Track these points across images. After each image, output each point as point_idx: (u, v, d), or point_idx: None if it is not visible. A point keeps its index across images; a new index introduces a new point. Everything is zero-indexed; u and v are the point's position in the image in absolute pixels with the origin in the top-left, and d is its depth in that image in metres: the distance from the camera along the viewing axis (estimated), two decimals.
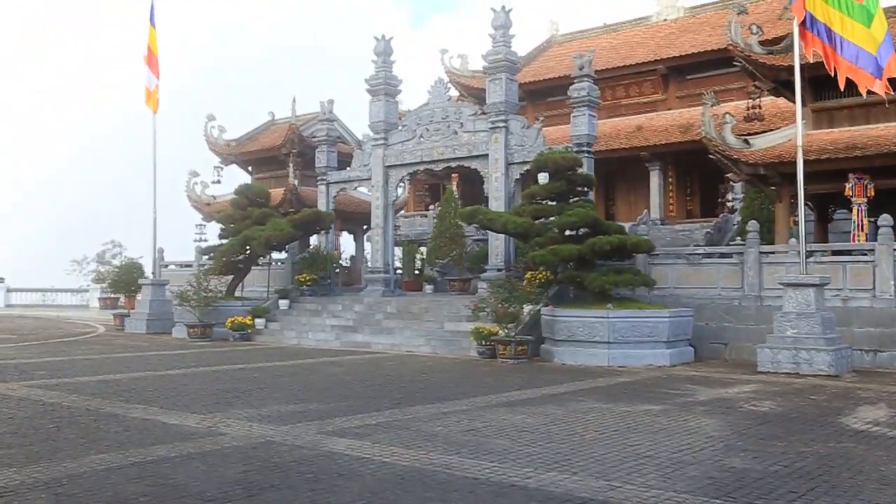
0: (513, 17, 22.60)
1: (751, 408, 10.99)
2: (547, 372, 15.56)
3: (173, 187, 35.88)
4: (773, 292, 18.00)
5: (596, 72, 33.36)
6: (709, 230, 26.75)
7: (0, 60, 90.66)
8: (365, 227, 33.18)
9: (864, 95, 16.42)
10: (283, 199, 29.18)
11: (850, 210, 19.88)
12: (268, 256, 26.62)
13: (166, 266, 31.48)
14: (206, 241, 31.04)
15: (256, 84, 74.77)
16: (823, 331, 15.18)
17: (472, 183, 36.50)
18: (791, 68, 19.75)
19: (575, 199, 19.44)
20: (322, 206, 26.12)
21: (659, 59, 31.84)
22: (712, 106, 20.88)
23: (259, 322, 23.76)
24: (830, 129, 19.89)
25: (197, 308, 23.42)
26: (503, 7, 22.55)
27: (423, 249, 35.70)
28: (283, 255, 27.47)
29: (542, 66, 36.57)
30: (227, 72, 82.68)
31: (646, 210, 30.49)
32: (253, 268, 26.49)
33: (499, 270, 21.97)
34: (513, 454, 7.69)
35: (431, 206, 36.38)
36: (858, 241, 18.79)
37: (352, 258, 33.42)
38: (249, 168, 32.90)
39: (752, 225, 18.57)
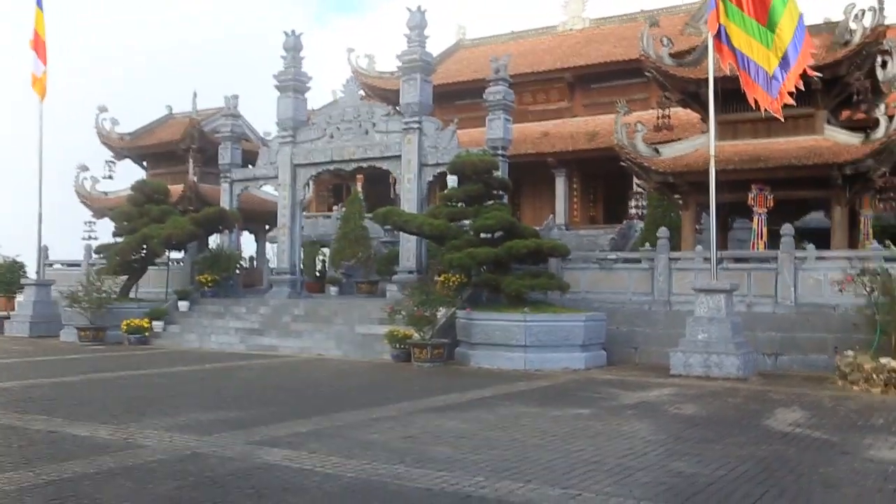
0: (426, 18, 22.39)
1: (676, 411, 11.09)
2: (465, 376, 15.36)
3: (60, 181, 33.98)
4: (682, 297, 18.45)
5: (513, 76, 34.07)
6: (613, 236, 27.25)
7: None
8: (267, 226, 32.30)
9: (763, 114, 17.00)
10: (181, 197, 27.96)
11: (750, 219, 20.63)
12: (166, 256, 25.41)
13: (51, 265, 29.59)
14: (95, 238, 29.49)
15: (152, 77, 71.74)
16: (733, 335, 15.59)
17: (377, 184, 36.16)
18: (699, 81, 20.44)
19: (490, 202, 19.36)
20: (225, 204, 25.14)
21: (566, 66, 32.32)
22: (624, 114, 21.20)
23: (157, 324, 22.61)
24: (735, 141, 20.54)
25: (89, 310, 22.08)
26: (418, 7, 22.28)
27: (326, 251, 35.10)
28: (181, 254, 26.30)
29: (450, 68, 36.51)
30: (120, 63, 78.94)
31: (551, 215, 30.86)
32: (149, 268, 25.21)
33: (410, 273, 21.67)
34: (459, 462, 7.40)
35: (335, 207, 35.74)
36: (758, 249, 19.47)
37: (251, 259, 32.37)
38: (144, 163, 31.39)
39: (662, 231, 18.97)
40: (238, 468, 7.02)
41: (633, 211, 27.43)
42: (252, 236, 33.74)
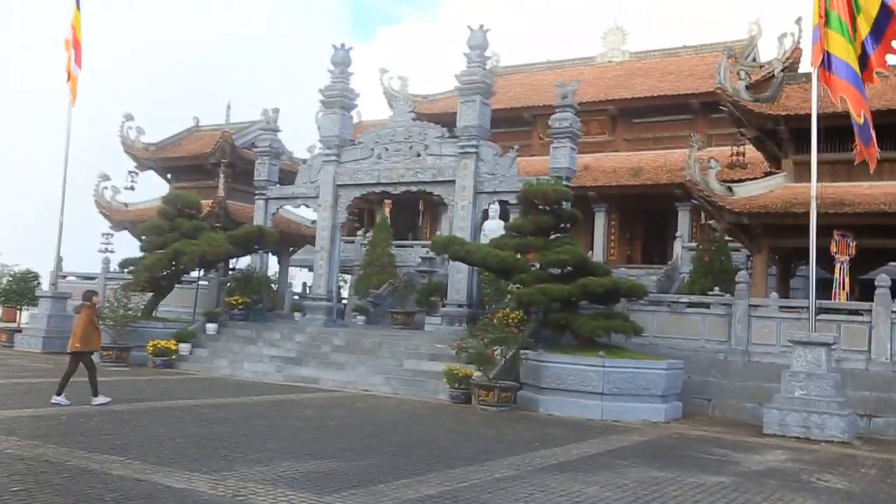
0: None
1: (824, 484, 9.76)
2: (542, 424, 13.97)
3: (75, 190, 32.55)
4: (762, 348, 17.24)
5: (542, 107, 33.07)
6: (660, 277, 26.03)
7: None
8: (291, 248, 30.96)
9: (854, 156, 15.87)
10: (209, 213, 26.58)
11: (824, 267, 19.47)
12: (194, 275, 24.01)
13: (64, 277, 28.08)
14: (112, 251, 28.07)
15: (176, 88, 70.05)
16: (835, 394, 14.34)
17: (404, 210, 35.01)
18: (777, 118, 19.44)
19: (556, 235, 18.13)
20: (259, 222, 23.81)
21: (609, 99, 31.31)
22: (698, 150, 20.09)
23: (183, 347, 21.16)
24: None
25: (113, 328, 20.58)
26: (480, 26, 21.25)
27: (346, 277, 33.73)
28: (201, 273, 24.85)
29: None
30: (145, 72, 77.29)
31: (590, 252, 29.64)
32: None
33: (460, 306, 20.36)
34: None
35: (359, 232, 34.41)
36: (839, 299, 18.27)
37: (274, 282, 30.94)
38: (169, 176, 30.01)
39: (742, 276, 17.77)
40: None
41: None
42: (274, 258, 32.37)
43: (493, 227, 23.68)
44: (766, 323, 17.28)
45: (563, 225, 18.10)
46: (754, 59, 32.01)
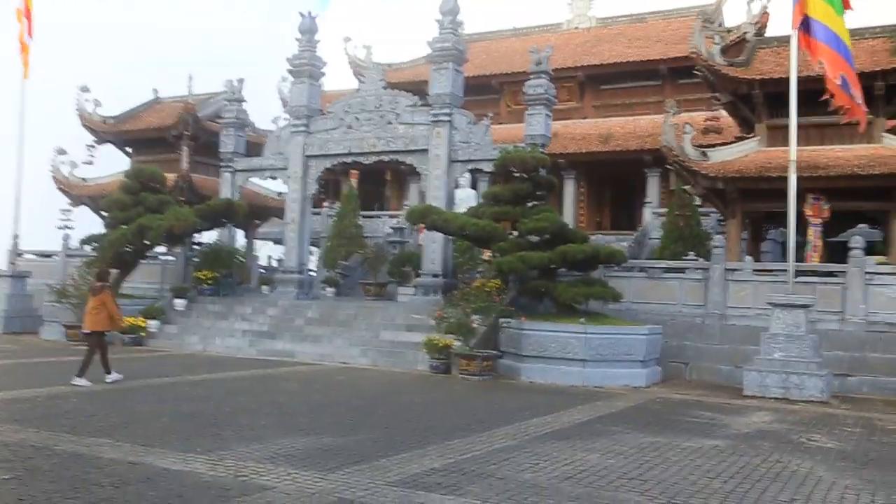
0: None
1: (815, 444, 9.82)
2: (528, 392, 13.93)
3: (30, 165, 31.51)
4: (738, 311, 17.35)
5: (509, 74, 32.78)
6: (629, 243, 26.09)
7: None
8: (257, 221, 30.43)
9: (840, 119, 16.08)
10: (173, 186, 25.91)
11: (805, 231, 19.68)
12: (159, 250, 23.45)
13: (20, 255, 27.22)
14: (71, 227, 27.28)
15: (134, 61, 67.64)
16: (813, 354, 14.51)
17: (370, 181, 34.57)
18: (752, 81, 19.43)
19: (533, 202, 17.98)
20: (225, 195, 23.26)
21: (577, 65, 31.11)
22: (673, 115, 20.01)
23: (152, 324, 20.68)
24: (786, 148, 19.46)
25: (79, 306, 20.00)
26: None
27: (314, 249, 33.30)
28: (174, 249, 24.30)
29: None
30: (101, 44, 74.54)
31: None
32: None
33: (435, 276, 20.17)
34: None
35: (326, 203, 33.94)
36: (813, 261, 18.47)
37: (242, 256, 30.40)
38: (129, 149, 29.20)
39: (719, 240, 17.83)
40: None
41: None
42: (240, 231, 31.79)
43: (464, 196, 23.39)
44: (742, 286, 17.40)
45: (539, 192, 17.92)
46: (720, 25, 32.02)
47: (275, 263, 30.86)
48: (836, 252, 22.86)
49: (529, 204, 18.01)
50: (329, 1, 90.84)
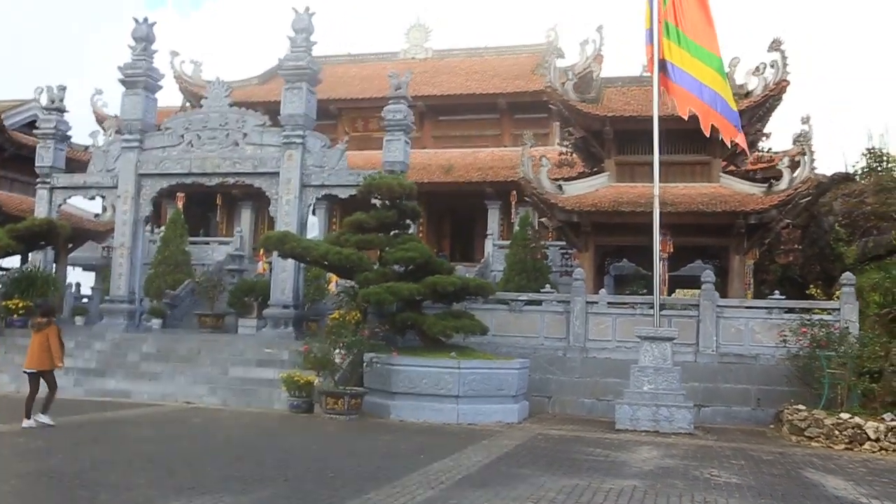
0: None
1: (722, 480, 9.80)
2: (406, 432, 13.14)
3: None
4: (599, 343, 17.55)
5: (347, 100, 32.11)
6: (473, 275, 26.03)
7: None
8: (70, 245, 27.50)
9: (728, 144, 16.84)
10: None
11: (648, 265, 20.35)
12: None
13: None
14: None
15: None
16: (679, 386, 14.84)
17: (196, 205, 32.42)
18: (604, 118, 19.98)
19: (397, 231, 17.35)
20: (42, 214, 20.73)
21: (418, 95, 30.80)
22: (529, 148, 20.15)
23: None
24: (633, 184, 20.24)
25: None
26: (307, 8, 19.93)
27: None
28: None
29: (274, 88, 33.75)
30: None
31: None
32: None
33: (286, 308, 18.94)
34: None
35: (147, 227, 31.36)
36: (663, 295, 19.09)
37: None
38: None
39: (579, 273, 18.00)
40: None
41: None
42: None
43: (310, 223, 22.40)
44: (602, 319, 17.63)
45: (404, 221, 17.31)
46: (552, 65, 33.12)
47: (89, 292, 28.01)
48: (675, 285, 24.03)
49: (395, 233, 17.37)
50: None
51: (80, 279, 31.95)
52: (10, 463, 8.84)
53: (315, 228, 26.43)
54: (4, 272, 22.78)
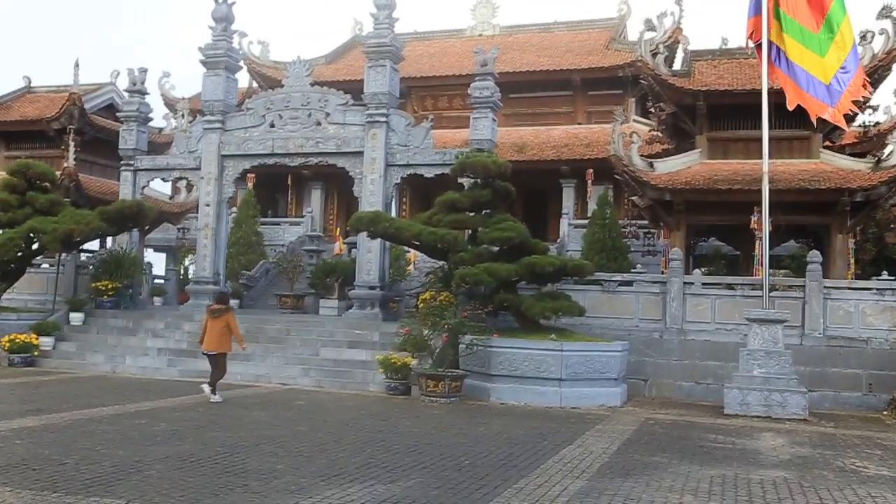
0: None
1: (871, 472, 9.29)
2: (513, 416, 12.82)
3: None
4: (696, 325, 16.99)
5: (416, 79, 31.71)
6: None
7: None
8: (147, 227, 27.70)
9: (814, 122, 16.20)
10: (57, 186, 23.03)
11: (743, 244, 19.77)
12: (42, 258, 20.69)
13: None
14: None
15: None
16: (792, 371, 14.27)
17: (265, 186, 32.42)
18: (696, 93, 19.29)
19: (489, 211, 16.97)
20: (126, 196, 20.81)
21: None
22: (621, 124, 19.57)
23: (45, 341, 18.07)
24: (728, 160, 19.54)
25: None
26: None
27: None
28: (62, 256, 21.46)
29: (349, 65, 33.57)
30: None
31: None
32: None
33: (371, 289, 18.73)
34: None
35: None
36: (759, 275, 18.45)
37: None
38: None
39: (676, 252, 17.42)
40: None
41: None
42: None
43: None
44: (700, 300, 17.06)
45: (497, 200, 16.91)
46: (624, 38, 32.33)
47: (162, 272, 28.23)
48: (771, 265, 23.22)
49: (487, 212, 17.01)
50: None
51: (152, 260, 32.35)
52: (143, 447, 8.73)
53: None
54: (91, 254, 22.99)
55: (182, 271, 29.36)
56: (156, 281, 25.22)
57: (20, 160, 21.15)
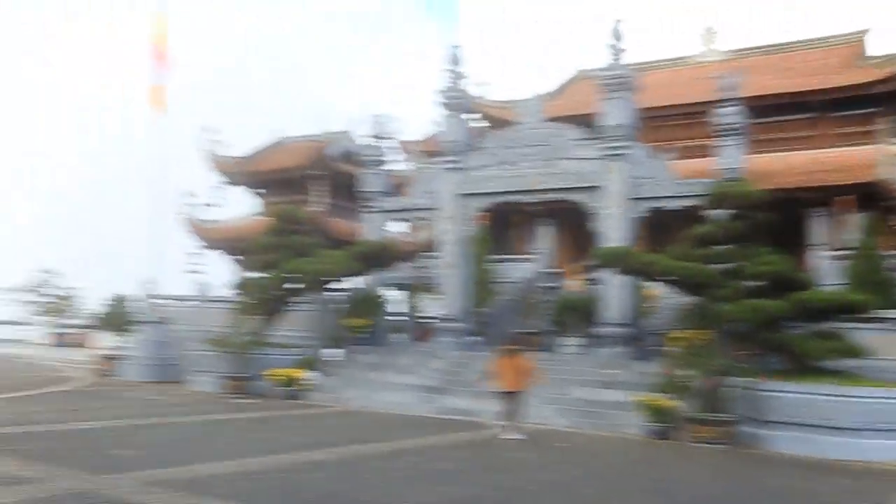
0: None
1: None
2: (800, 468, 11.79)
3: (138, 207, 30.65)
4: None
5: (644, 109, 30.97)
6: None
7: None
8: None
9: None
10: (308, 229, 24.57)
11: None
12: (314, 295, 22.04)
13: (152, 300, 26.11)
14: (201, 271, 26.11)
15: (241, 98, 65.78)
16: None
17: (496, 222, 32.74)
18: None
19: (746, 244, 16.00)
20: (371, 237, 21.73)
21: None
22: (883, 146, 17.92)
23: (311, 376, 19.08)
24: None
25: (234, 356, 18.61)
26: (619, 20, 19.27)
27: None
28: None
29: (572, 99, 33.44)
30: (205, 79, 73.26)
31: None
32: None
33: (618, 326, 18.23)
34: None
35: None
36: None
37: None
38: (260, 191, 28.13)
39: None
40: None
41: None
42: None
43: None
44: None
45: (753, 233, 15.92)
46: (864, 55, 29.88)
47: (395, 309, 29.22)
48: None
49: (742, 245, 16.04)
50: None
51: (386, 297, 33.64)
52: (432, 487, 8.81)
53: None
54: (343, 293, 24.26)
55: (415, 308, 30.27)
56: (390, 318, 26.18)
57: (280, 205, 22.78)
